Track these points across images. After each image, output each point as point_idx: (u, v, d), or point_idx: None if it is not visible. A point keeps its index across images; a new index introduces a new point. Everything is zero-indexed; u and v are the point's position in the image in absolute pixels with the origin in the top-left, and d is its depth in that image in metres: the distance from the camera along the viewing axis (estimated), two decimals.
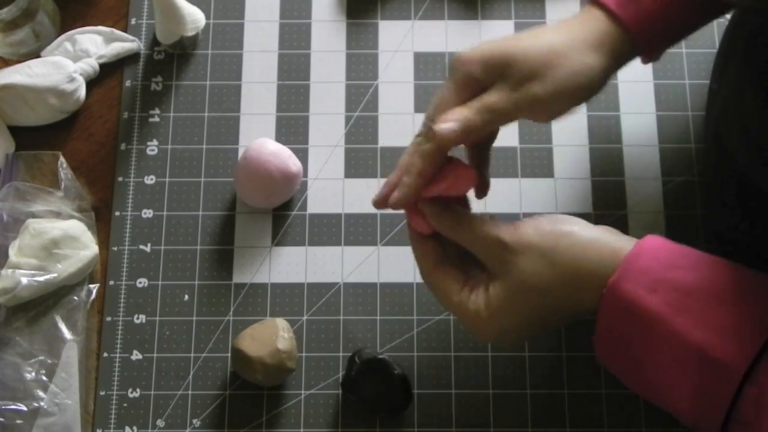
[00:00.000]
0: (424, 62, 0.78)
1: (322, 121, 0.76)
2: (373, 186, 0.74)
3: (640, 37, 0.58)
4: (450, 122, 0.55)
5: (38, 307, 0.69)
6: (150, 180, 0.74)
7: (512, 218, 0.72)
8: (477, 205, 0.61)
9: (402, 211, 0.59)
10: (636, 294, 0.50)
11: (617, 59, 0.59)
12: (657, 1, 0.58)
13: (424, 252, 0.58)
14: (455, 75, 0.57)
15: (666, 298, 0.50)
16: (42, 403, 0.66)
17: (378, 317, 0.70)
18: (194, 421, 0.68)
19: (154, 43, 0.78)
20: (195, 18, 0.76)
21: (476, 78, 0.56)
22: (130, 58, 0.78)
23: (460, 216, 0.56)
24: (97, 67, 0.76)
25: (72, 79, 0.74)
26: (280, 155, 0.70)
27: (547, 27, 0.59)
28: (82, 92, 0.75)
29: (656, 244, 0.53)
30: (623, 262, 0.51)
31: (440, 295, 0.57)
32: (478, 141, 0.61)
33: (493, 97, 0.55)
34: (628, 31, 0.58)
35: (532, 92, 0.55)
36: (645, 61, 0.61)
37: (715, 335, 0.48)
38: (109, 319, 0.70)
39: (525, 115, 0.57)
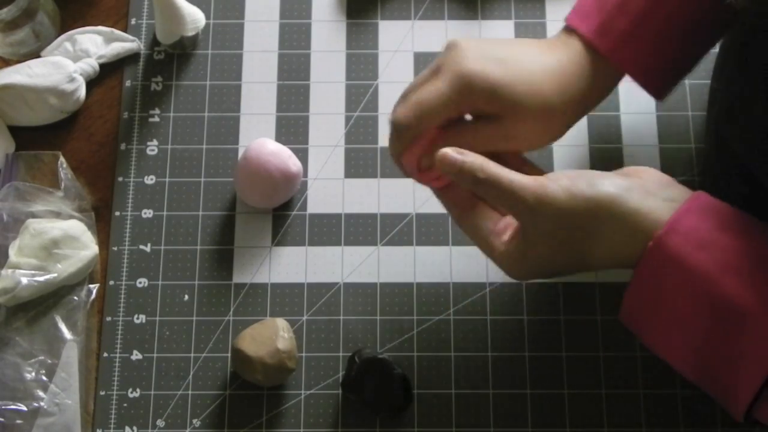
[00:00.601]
0: (424, 62, 0.77)
1: (322, 121, 0.76)
2: (373, 186, 0.74)
3: (626, 65, 0.58)
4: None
5: (38, 307, 0.69)
6: (150, 180, 0.74)
7: None
8: None
9: None
10: (683, 250, 0.49)
11: (600, 87, 0.59)
12: (634, 24, 0.57)
13: (450, 200, 0.58)
14: (461, 102, 0.56)
15: (714, 256, 0.49)
16: (42, 403, 0.66)
17: (378, 317, 0.70)
18: (194, 421, 0.68)
19: (154, 43, 0.78)
20: (195, 18, 0.76)
21: (482, 110, 0.56)
22: (130, 58, 0.78)
23: (483, 172, 0.55)
24: (97, 67, 0.76)
25: (72, 79, 0.74)
26: (280, 155, 0.70)
27: (529, 53, 0.58)
28: (82, 92, 0.75)
29: (707, 202, 0.52)
30: (671, 219, 0.50)
31: (472, 238, 0.57)
32: None
33: (482, 139, 0.57)
34: (608, 60, 0.58)
35: (504, 129, 0.56)
36: (655, 96, 0.61)
37: (763, 300, 0.47)
38: (109, 319, 0.70)
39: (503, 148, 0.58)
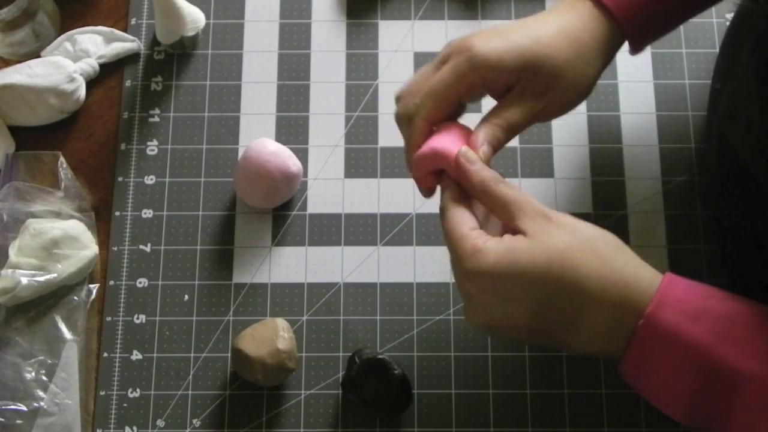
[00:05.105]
0: (424, 62, 0.76)
1: (322, 121, 0.76)
2: (373, 186, 0.74)
3: (627, 26, 0.58)
4: (484, 146, 0.55)
5: (38, 307, 0.69)
6: (150, 180, 0.74)
7: None
8: None
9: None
10: (677, 323, 0.48)
11: (610, 56, 0.59)
12: None
13: (452, 185, 0.55)
14: (470, 76, 0.55)
15: (709, 327, 0.48)
16: (42, 403, 0.66)
17: (378, 317, 0.70)
18: (194, 421, 0.68)
19: (154, 43, 0.78)
20: (195, 18, 0.76)
21: (495, 82, 0.56)
22: (130, 58, 0.78)
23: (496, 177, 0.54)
24: (97, 67, 0.76)
25: (72, 79, 0.74)
26: (280, 155, 0.70)
27: (546, 25, 0.57)
28: (82, 92, 0.75)
29: (681, 279, 0.51)
30: (659, 291, 0.49)
31: (452, 225, 0.53)
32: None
33: (516, 115, 0.56)
34: (615, 20, 0.57)
35: (545, 103, 0.56)
36: (634, 52, 0.61)
37: (764, 363, 0.47)
38: (109, 319, 0.70)
39: (537, 121, 0.58)
